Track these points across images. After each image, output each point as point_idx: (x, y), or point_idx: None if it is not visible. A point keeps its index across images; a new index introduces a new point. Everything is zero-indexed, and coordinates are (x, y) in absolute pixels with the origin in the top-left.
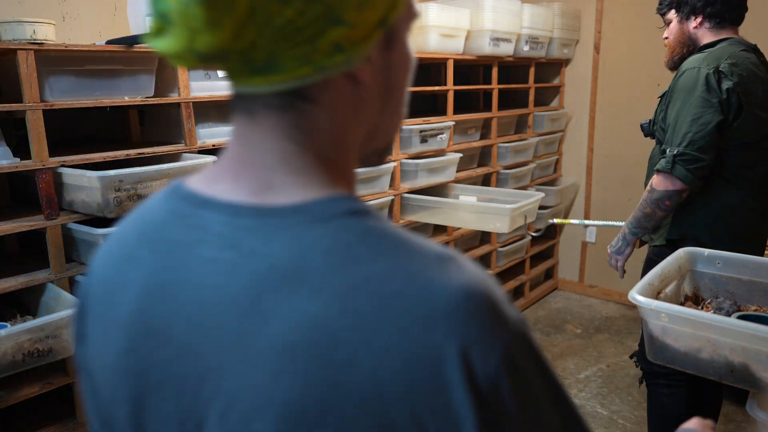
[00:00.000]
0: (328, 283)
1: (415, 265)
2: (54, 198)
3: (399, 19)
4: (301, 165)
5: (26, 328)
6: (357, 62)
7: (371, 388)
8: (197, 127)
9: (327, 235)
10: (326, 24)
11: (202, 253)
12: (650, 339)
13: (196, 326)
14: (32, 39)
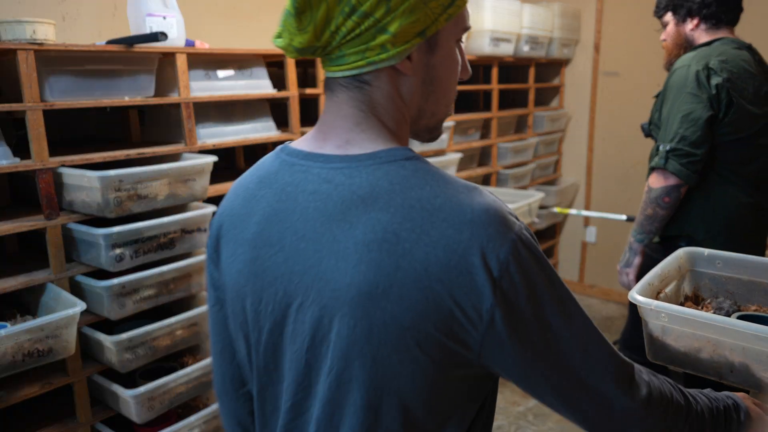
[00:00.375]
0: (392, 201)
1: (450, 190)
2: (54, 198)
3: (442, 32)
4: (367, 127)
5: (26, 328)
6: (399, 60)
7: (422, 270)
8: (197, 127)
9: (391, 171)
10: (376, 33)
11: (306, 188)
12: (650, 339)
13: (301, 237)
14: (32, 39)
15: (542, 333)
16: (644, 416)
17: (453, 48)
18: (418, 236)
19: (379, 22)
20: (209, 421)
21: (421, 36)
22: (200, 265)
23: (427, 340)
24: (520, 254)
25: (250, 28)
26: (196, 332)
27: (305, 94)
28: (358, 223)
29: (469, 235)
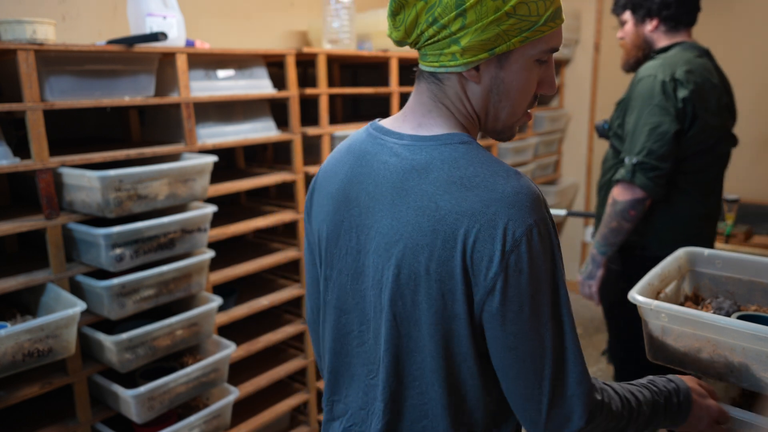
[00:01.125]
0: (440, 176)
1: (488, 172)
2: (54, 198)
3: (515, 51)
4: (437, 115)
5: (26, 328)
6: (466, 69)
7: (451, 234)
8: (197, 127)
9: (445, 151)
10: (450, 43)
11: (380, 158)
12: (650, 339)
13: (372, 197)
14: (32, 39)
15: (530, 315)
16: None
17: (527, 66)
18: (452, 206)
19: (454, 34)
20: (209, 421)
21: (490, 53)
22: (200, 265)
23: (449, 290)
24: (533, 238)
25: (250, 28)
26: (196, 332)
27: (305, 94)
28: (411, 192)
29: (494, 210)
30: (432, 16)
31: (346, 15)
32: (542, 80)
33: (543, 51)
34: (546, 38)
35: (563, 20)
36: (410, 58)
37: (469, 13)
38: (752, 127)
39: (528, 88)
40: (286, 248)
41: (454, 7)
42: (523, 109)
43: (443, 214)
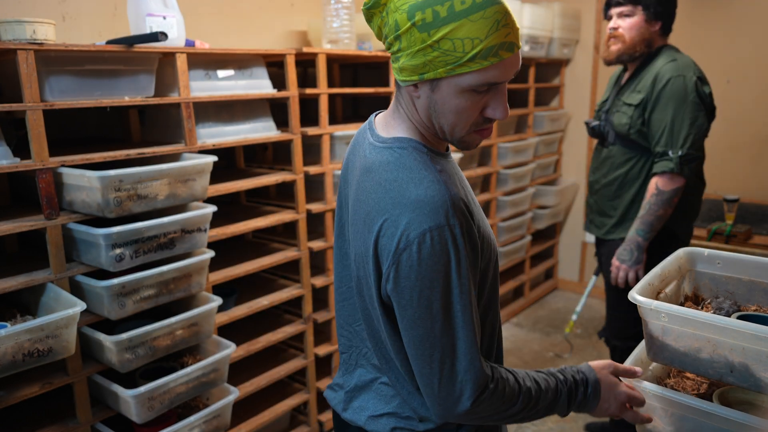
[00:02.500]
0: (375, 177)
1: (407, 178)
2: (54, 198)
3: (445, 80)
4: (398, 117)
5: (26, 328)
6: (405, 85)
7: (371, 225)
8: (197, 127)
9: (385, 155)
10: (395, 59)
11: (361, 151)
12: (650, 339)
13: (353, 183)
14: (32, 39)
15: (419, 306)
16: (467, 411)
17: (458, 94)
18: (375, 204)
19: (395, 53)
20: (209, 421)
21: (420, 77)
22: (200, 264)
23: (368, 271)
24: (425, 241)
25: (250, 28)
26: (196, 332)
27: (305, 94)
28: (362, 187)
29: (399, 212)
30: (386, 32)
31: (346, 15)
32: (487, 106)
33: (476, 83)
34: (478, 72)
35: (500, 58)
36: None
37: (402, 39)
38: (752, 127)
39: (465, 111)
40: (286, 248)
41: (394, 30)
42: (466, 128)
43: (369, 210)
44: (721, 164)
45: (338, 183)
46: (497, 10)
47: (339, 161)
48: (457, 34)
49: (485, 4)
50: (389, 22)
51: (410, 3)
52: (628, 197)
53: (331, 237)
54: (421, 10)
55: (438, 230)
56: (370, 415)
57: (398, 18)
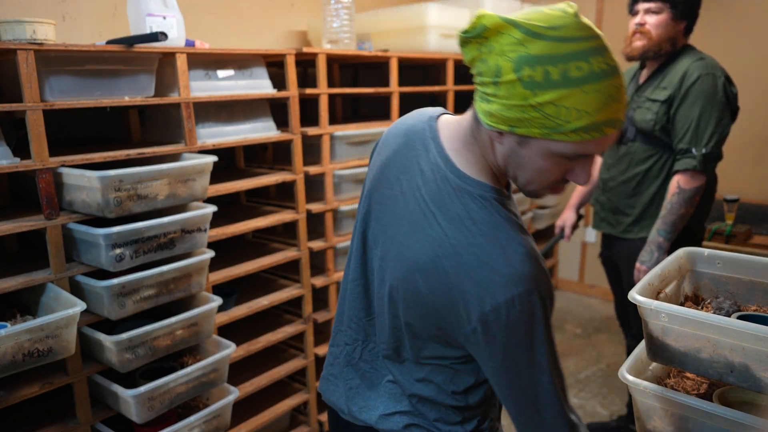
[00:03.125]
0: (453, 222)
1: (492, 240)
2: (54, 198)
3: (536, 139)
4: (472, 150)
5: (26, 328)
6: (490, 129)
7: (451, 271)
8: (197, 127)
9: (469, 203)
10: (484, 99)
11: (421, 162)
12: (650, 339)
13: (404, 193)
14: (32, 39)
15: (503, 360)
16: None
17: (547, 156)
18: (455, 253)
19: (487, 95)
20: (209, 421)
21: (510, 129)
22: (200, 264)
23: (440, 315)
24: (514, 307)
25: (250, 28)
26: (196, 332)
27: (305, 94)
28: (430, 219)
29: (485, 275)
30: (480, 69)
31: (346, 15)
32: (570, 170)
33: (569, 152)
34: (575, 143)
35: (603, 134)
36: (409, 58)
37: (501, 87)
38: (752, 128)
39: (547, 172)
40: (286, 248)
41: (493, 74)
42: (543, 186)
43: (445, 253)
44: (722, 164)
45: (341, 179)
46: (613, 84)
47: (339, 161)
48: (565, 102)
49: (602, 76)
50: (489, 63)
51: (520, 53)
52: (648, 195)
53: (331, 237)
54: (531, 67)
55: (527, 295)
56: (381, 413)
57: (502, 64)
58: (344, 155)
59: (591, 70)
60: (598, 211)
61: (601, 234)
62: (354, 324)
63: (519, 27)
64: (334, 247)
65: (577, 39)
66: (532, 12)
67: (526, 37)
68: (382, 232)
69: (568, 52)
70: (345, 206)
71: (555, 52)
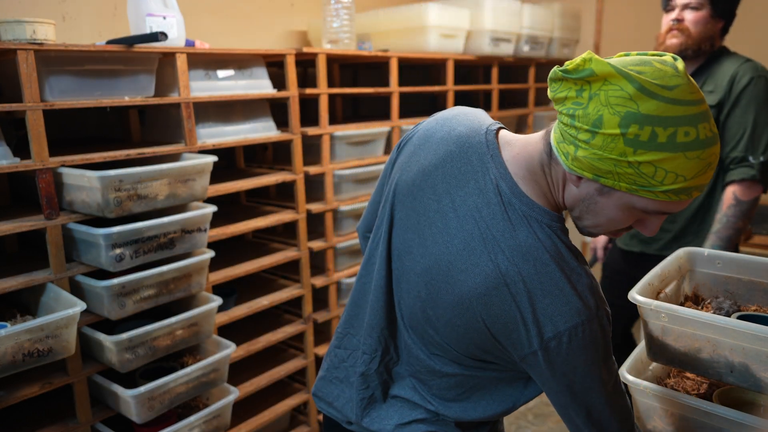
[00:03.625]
0: (514, 251)
1: (557, 272)
2: (54, 198)
3: (620, 192)
4: (538, 181)
5: (26, 328)
6: (569, 172)
7: (508, 297)
8: (197, 127)
9: (533, 228)
10: (571, 142)
11: (479, 180)
12: (650, 339)
13: (455, 210)
14: (32, 39)
15: (561, 383)
16: None
17: (626, 208)
18: (514, 282)
19: (577, 140)
20: (209, 421)
21: (595, 177)
22: (200, 264)
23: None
24: (576, 334)
25: (250, 28)
26: (196, 332)
27: (305, 94)
28: (488, 245)
29: (549, 302)
30: (574, 111)
31: (346, 15)
32: (641, 221)
33: (651, 209)
34: (659, 202)
35: (690, 197)
36: (410, 58)
37: (598, 138)
38: None
39: (619, 221)
40: (286, 248)
41: (592, 123)
42: (607, 231)
43: (509, 282)
44: None
45: (341, 179)
46: (714, 152)
47: (339, 161)
48: (665, 165)
49: (706, 144)
50: (589, 109)
51: (630, 109)
52: (690, 208)
53: (331, 237)
54: (639, 125)
55: (589, 323)
56: (397, 423)
57: (605, 116)
58: (344, 155)
59: (697, 137)
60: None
61: (620, 250)
62: (376, 333)
63: (632, 81)
64: (334, 247)
65: (689, 103)
66: (642, 64)
67: (638, 94)
68: (421, 246)
69: (678, 116)
70: (345, 206)
71: (666, 114)
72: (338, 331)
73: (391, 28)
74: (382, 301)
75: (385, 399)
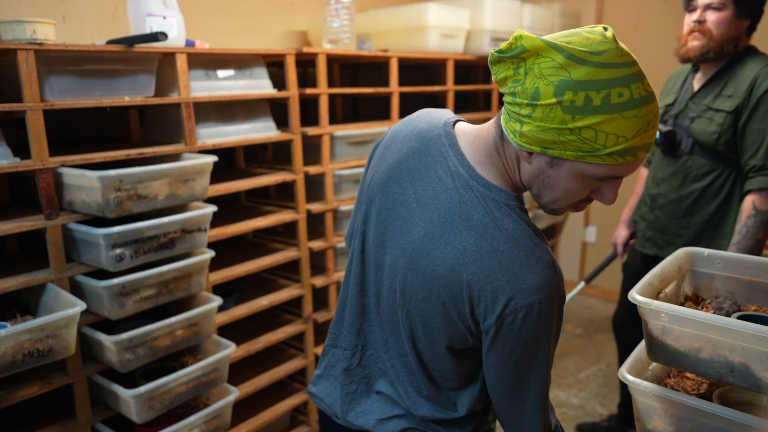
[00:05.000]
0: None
1: (517, 248)
2: (54, 198)
3: (568, 162)
4: (494, 163)
5: (26, 328)
6: (519, 149)
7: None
8: (197, 127)
9: (490, 207)
10: (516, 119)
11: (437, 169)
12: (650, 339)
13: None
14: (32, 39)
15: (507, 359)
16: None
17: (577, 177)
18: (475, 260)
19: (520, 116)
20: (209, 421)
21: (542, 150)
22: (200, 264)
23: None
24: (532, 311)
25: (250, 28)
26: (196, 332)
27: (305, 94)
28: (452, 227)
29: (507, 280)
30: (514, 89)
31: (346, 15)
32: (597, 190)
33: (601, 174)
34: (608, 166)
35: (636, 158)
36: (410, 57)
37: (538, 110)
38: None
39: (574, 192)
40: (286, 248)
41: (530, 97)
42: (567, 204)
43: (466, 261)
44: None
45: (341, 179)
46: (651, 111)
47: (339, 161)
48: (604, 127)
49: (641, 103)
50: (526, 84)
51: (562, 77)
52: (705, 215)
53: (331, 237)
54: (572, 91)
55: (546, 302)
56: (378, 418)
57: (541, 87)
58: (344, 155)
59: (631, 96)
60: (643, 229)
61: (640, 253)
62: (354, 329)
63: (561, 51)
64: (334, 247)
65: (619, 65)
66: (571, 35)
67: (568, 62)
68: (391, 238)
69: (609, 79)
70: (345, 206)
71: (597, 78)
72: (330, 331)
73: (391, 28)
74: (358, 297)
75: (369, 394)
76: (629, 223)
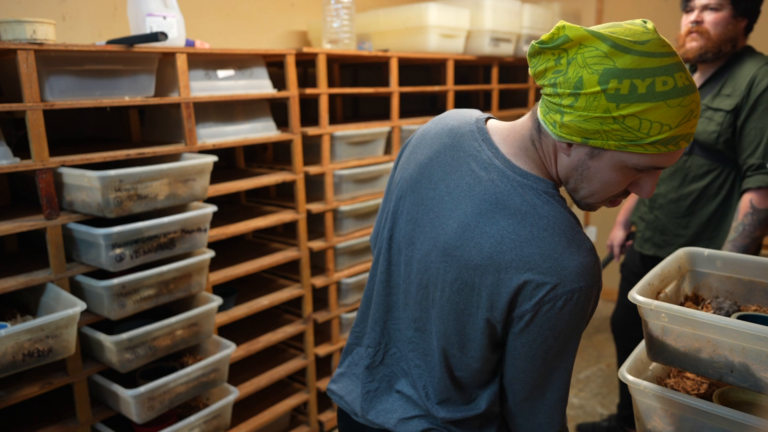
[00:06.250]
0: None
1: (558, 235)
2: (54, 198)
3: (610, 152)
4: (531, 155)
5: (26, 328)
6: (559, 140)
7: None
8: (197, 127)
9: (528, 195)
10: (556, 110)
11: (471, 163)
12: (650, 339)
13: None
14: (32, 39)
15: (537, 348)
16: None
17: (618, 168)
18: (514, 247)
19: (562, 106)
20: (209, 421)
21: (584, 140)
22: (200, 264)
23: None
24: (572, 299)
25: (250, 28)
26: (196, 332)
27: (305, 94)
28: (487, 217)
29: (548, 266)
30: (555, 80)
31: (346, 15)
32: (636, 183)
33: (642, 165)
34: (650, 155)
35: (678, 148)
36: (410, 57)
37: (581, 99)
38: None
39: (614, 184)
40: (286, 248)
41: (573, 86)
42: (604, 197)
43: (504, 249)
44: None
45: (341, 179)
46: (694, 99)
47: (339, 161)
48: (648, 115)
49: (685, 91)
50: (569, 74)
51: (606, 66)
52: (705, 214)
53: (331, 237)
54: (617, 79)
55: (587, 290)
56: (400, 417)
57: (585, 76)
58: (344, 155)
59: (675, 85)
60: (642, 230)
61: (638, 253)
62: (378, 327)
63: (606, 40)
64: (334, 247)
65: (662, 54)
66: (613, 26)
67: (612, 51)
68: (422, 234)
69: (654, 67)
70: (345, 206)
71: (642, 67)
72: (353, 329)
73: (391, 28)
74: (383, 295)
75: (390, 393)
76: (625, 224)
